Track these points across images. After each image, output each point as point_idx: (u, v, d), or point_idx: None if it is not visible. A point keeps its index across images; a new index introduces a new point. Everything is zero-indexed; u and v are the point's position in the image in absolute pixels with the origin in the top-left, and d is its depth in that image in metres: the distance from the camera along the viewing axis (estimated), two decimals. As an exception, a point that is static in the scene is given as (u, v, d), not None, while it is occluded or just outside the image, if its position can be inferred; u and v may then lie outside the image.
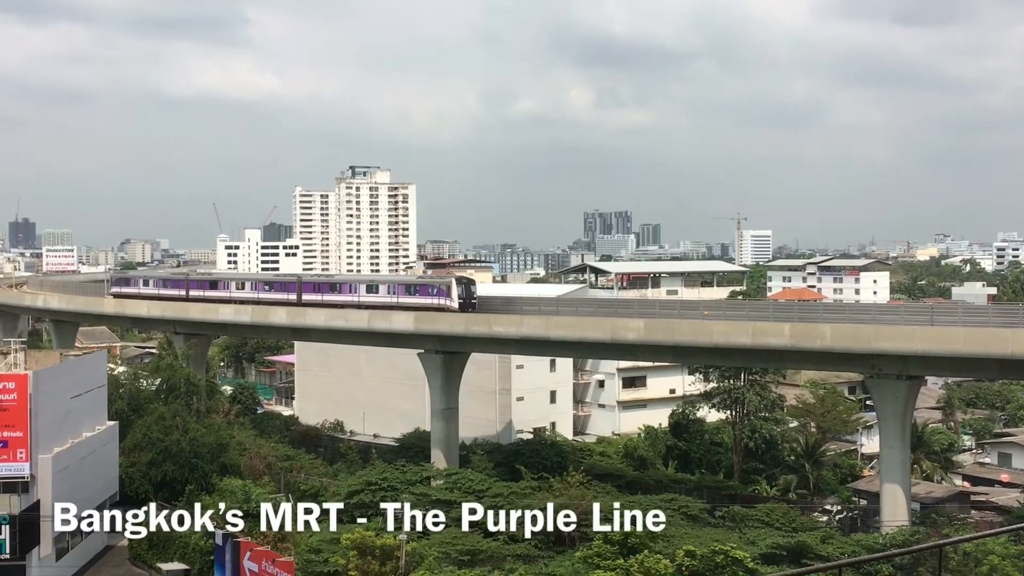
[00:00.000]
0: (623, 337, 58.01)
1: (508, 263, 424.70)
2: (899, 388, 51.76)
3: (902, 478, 52.41)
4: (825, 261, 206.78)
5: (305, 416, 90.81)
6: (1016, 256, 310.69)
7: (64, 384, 49.88)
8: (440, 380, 65.22)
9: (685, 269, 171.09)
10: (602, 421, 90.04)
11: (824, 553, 45.43)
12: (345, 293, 70.31)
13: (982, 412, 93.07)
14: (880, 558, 44.70)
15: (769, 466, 72.08)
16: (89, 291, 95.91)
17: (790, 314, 57.80)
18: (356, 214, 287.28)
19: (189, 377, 66.77)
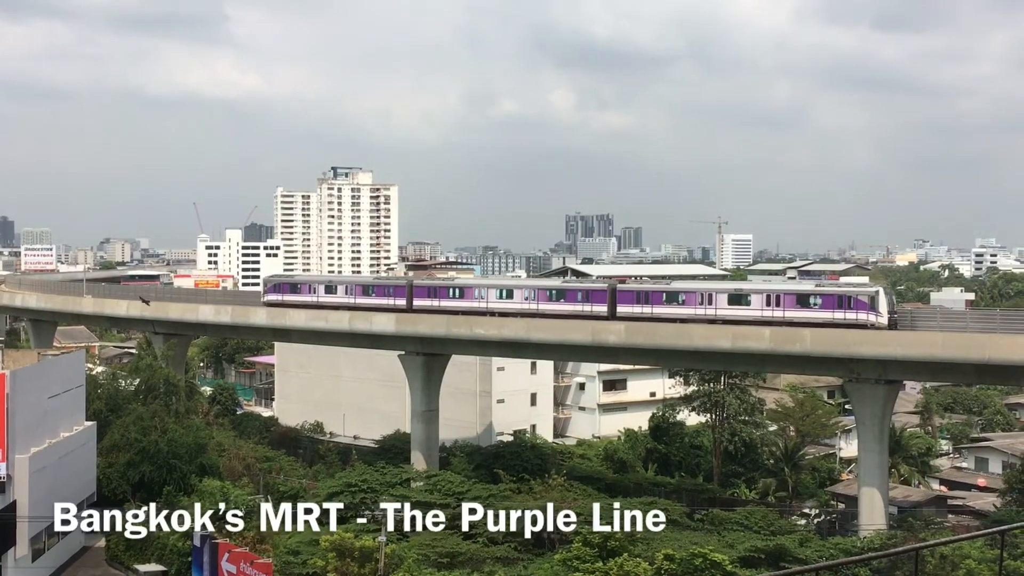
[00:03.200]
0: (604, 340, 58.09)
1: (490, 265, 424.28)
2: (877, 392, 52.04)
3: (880, 482, 52.71)
4: (805, 265, 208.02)
5: (285, 417, 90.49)
6: (994, 262, 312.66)
7: (41, 384, 49.50)
8: (421, 382, 65.14)
9: (666, 273, 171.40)
10: (582, 424, 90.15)
11: (802, 556, 45.63)
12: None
13: (959, 417, 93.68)
14: (857, 561, 44.90)
15: (748, 469, 72.34)
16: (68, 290, 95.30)
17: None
18: (338, 215, 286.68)
19: (168, 377, 66.39)
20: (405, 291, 65.42)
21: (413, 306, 64.46)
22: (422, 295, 64.71)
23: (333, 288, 69.55)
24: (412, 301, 64.60)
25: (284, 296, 70.89)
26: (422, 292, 65.03)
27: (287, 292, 71.16)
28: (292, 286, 72.01)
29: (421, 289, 65.60)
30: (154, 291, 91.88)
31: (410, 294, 65.08)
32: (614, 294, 58.56)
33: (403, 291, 65.55)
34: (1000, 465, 71.79)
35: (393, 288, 66.56)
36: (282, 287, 72.23)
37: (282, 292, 71.34)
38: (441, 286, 66.33)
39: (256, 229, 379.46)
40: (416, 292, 65.27)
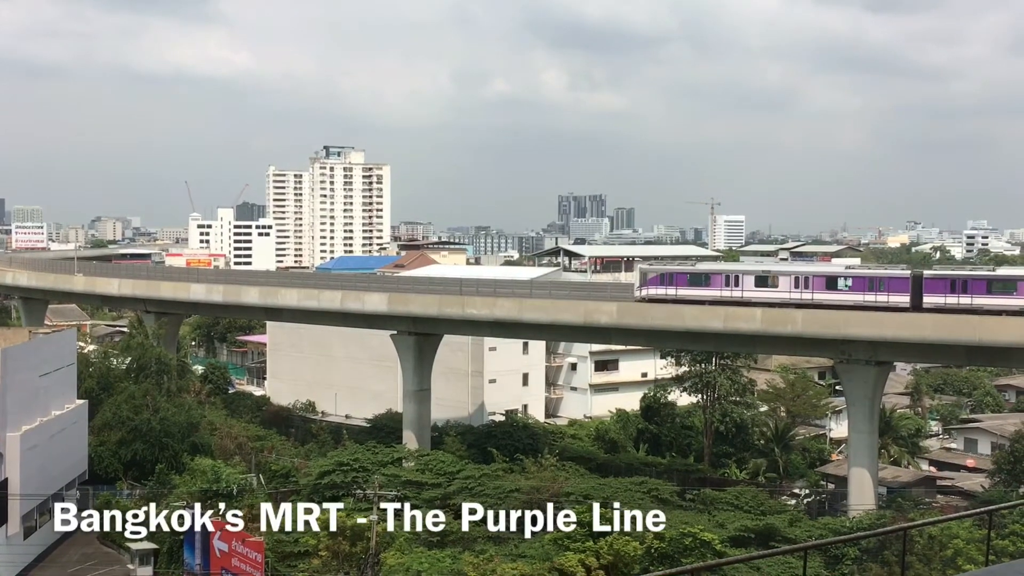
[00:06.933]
0: (596, 320, 58.15)
1: (482, 245, 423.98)
2: (868, 374, 52.25)
3: (870, 463, 53.01)
4: (797, 247, 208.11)
5: (277, 396, 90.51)
6: (985, 244, 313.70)
7: (33, 362, 49.44)
8: (413, 362, 65.20)
9: (659, 253, 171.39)
10: (574, 404, 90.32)
11: (792, 536, 45.92)
12: None
13: (949, 398, 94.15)
14: (846, 541, 45.21)
15: (739, 450, 72.64)
16: (59, 268, 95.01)
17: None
18: (330, 195, 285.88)
19: (160, 356, 66.33)
20: (908, 283, 51.17)
21: (923, 304, 50.32)
22: (938, 289, 50.24)
23: (768, 280, 54.85)
24: (922, 298, 50.42)
25: (679, 290, 56.11)
26: (937, 286, 50.45)
27: (683, 285, 56.13)
28: (694, 277, 56.70)
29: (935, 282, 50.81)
30: (145, 270, 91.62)
31: (918, 288, 50.85)
32: (919, 282, 50.76)
33: (904, 283, 51.25)
34: (989, 446, 72.17)
35: (887, 280, 52.00)
36: (676, 278, 56.64)
37: (676, 285, 56.25)
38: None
39: (248, 208, 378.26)
40: (929, 286, 50.54)
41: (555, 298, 61.47)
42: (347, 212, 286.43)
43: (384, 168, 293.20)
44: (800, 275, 54.26)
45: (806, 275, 54.06)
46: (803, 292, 52.90)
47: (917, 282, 50.87)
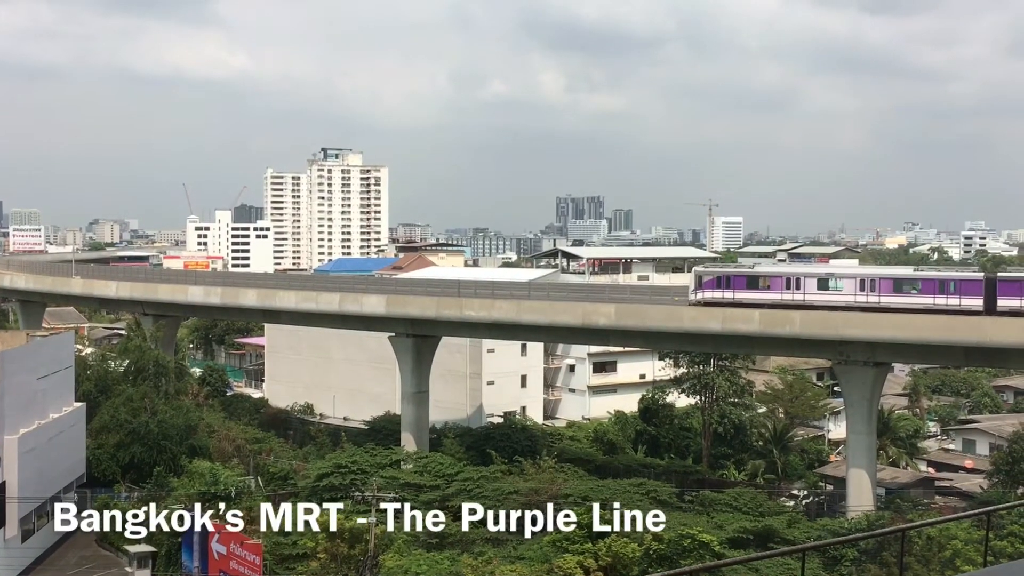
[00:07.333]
0: (594, 322, 58.15)
1: (480, 247, 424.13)
2: (866, 375, 52.24)
3: (868, 463, 53.00)
4: (795, 248, 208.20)
5: (275, 399, 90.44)
6: (983, 245, 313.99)
7: (31, 365, 49.38)
8: (411, 364, 65.16)
9: (657, 255, 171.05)
10: (572, 406, 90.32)
11: (790, 537, 45.93)
12: None
13: (947, 399, 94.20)
14: (845, 542, 45.22)
15: (737, 451, 72.63)
16: (57, 271, 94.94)
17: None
18: (328, 196, 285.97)
19: (158, 359, 66.29)
20: (981, 286, 48.83)
21: (997, 308, 48.02)
22: (1013, 292, 47.87)
23: (829, 283, 53.15)
24: (996, 301, 48.21)
25: (736, 293, 54.12)
26: (1013, 289, 47.98)
27: (741, 288, 54.17)
28: (752, 280, 54.68)
29: (1010, 285, 48.29)
30: (143, 272, 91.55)
31: (991, 291, 48.56)
32: (992, 284, 48.64)
33: (977, 286, 48.97)
34: (987, 447, 72.20)
35: (959, 283, 49.81)
36: (733, 281, 54.65)
37: (733, 288, 54.26)
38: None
39: (246, 210, 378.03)
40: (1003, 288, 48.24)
41: (553, 300, 61.47)
42: (345, 214, 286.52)
43: (382, 170, 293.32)
44: (866, 278, 52.71)
45: (872, 277, 52.48)
46: (868, 295, 51.14)
47: (991, 284, 48.80)
